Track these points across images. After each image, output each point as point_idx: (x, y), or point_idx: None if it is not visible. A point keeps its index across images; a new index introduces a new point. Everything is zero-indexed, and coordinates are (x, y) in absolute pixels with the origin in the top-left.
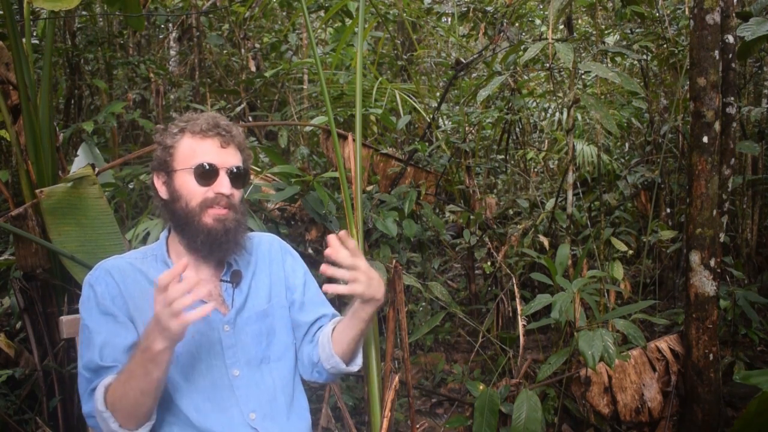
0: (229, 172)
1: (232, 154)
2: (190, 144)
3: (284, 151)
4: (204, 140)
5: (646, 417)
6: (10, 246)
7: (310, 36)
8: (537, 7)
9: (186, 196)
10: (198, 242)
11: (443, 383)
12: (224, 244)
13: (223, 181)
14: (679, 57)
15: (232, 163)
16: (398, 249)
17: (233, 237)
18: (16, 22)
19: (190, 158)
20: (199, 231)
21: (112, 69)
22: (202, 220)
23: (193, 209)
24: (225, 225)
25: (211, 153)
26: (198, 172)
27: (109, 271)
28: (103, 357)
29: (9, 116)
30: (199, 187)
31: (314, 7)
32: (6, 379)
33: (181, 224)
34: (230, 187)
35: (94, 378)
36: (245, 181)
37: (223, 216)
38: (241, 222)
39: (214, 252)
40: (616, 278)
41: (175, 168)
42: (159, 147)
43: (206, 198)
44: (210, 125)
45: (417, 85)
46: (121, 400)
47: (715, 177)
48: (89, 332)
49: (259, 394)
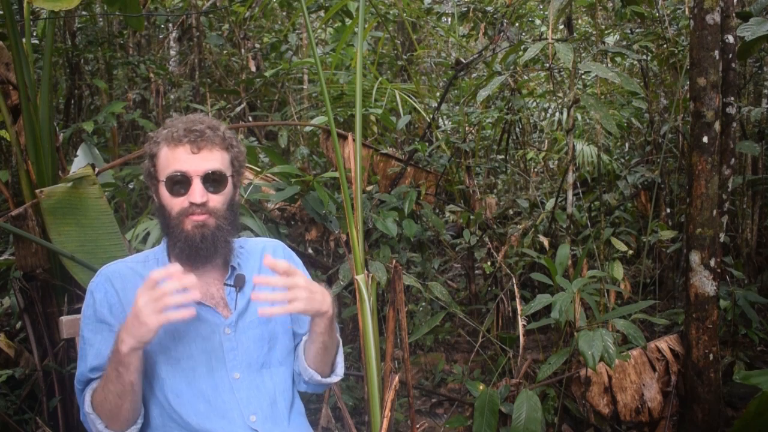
0: (202, 177)
1: (206, 157)
2: (166, 153)
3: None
4: (177, 148)
5: (646, 417)
6: (10, 246)
7: (310, 36)
8: (537, 7)
9: (167, 206)
10: (177, 249)
11: (443, 383)
12: (202, 251)
13: (196, 188)
14: (679, 57)
15: (206, 167)
16: (398, 249)
17: (212, 244)
18: (16, 22)
19: (165, 168)
20: (178, 238)
21: (112, 69)
22: (182, 227)
23: (173, 219)
24: (202, 232)
25: (182, 160)
26: (169, 185)
27: (109, 277)
28: (93, 370)
29: (9, 116)
30: (174, 198)
31: (314, 7)
32: (6, 379)
33: (167, 232)
34: (204, 193)
35: (85, 388)
36: (227, 183)
37: (201, 221)
38: (223, 227)
39: (192, 259)
40: (616, 278)
41: (159, 178)
42: (146, 156)
43: (182, 208)
44: (182, 132)
45: (417, 85)
46: (102, 403)
47: (715, 177)
48: (83, 342)
49: (260, 397)
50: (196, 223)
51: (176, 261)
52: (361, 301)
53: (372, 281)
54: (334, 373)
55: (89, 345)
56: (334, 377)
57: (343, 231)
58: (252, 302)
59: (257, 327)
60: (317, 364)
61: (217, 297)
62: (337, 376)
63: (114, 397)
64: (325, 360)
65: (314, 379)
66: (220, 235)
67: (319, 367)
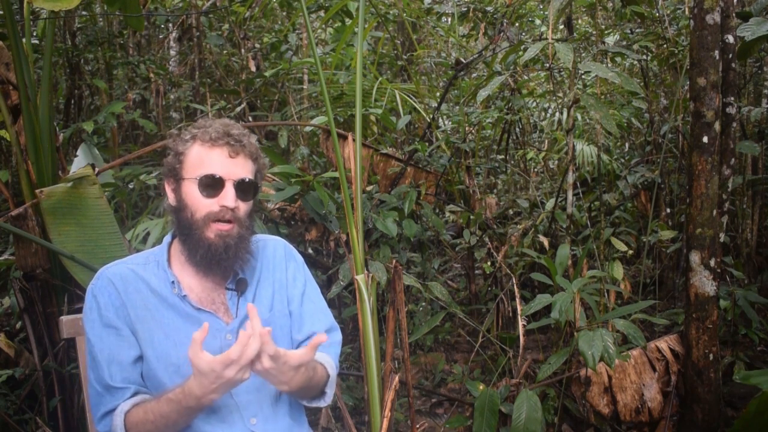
0: (236, 184)
1: (241, 164)
2: (199, 152)
3: (284, 151)
4: (213, 149)
5: (646, 417)
6: (10, 246)
7: (310, 36)
8: (537, 7)
9: (191, 206)
10: (198, 256)
11: (443, 383)
12: (224, 261)
13: (228, 193)
14: (679, 57)
15: (240, 174)
16: (398, 249)
17: (234, 253)
18: (16, 22)
19: (197, 167)
20: (199, 245)
21: (112, 69)
22: (204, 233)
23: (197, 221)
24: (226, 241)
25: (219, 163)
26: (203, 183)
27: (111, 280)
28: (112, 376)
29: (9, 116)
30: (204, 198)
31: (314, 7)
32: (6, 379)
33: (185, 234)
34: (236, 199)
35: (105, 395)
36: (254, 193)
37: (225, 232)
38: (245, 236)
39: (212, 267)
40: (616, 278)
41: (184, 176)
42: (170, 153)
43: (211, 211)
44: (220, 134)
45: (417, 85)
46: (142, 427)
47: (715, 177)
48: (92, 346)
49: (260, 399)
50: (220, 232)
51: (177, 265)
52: (361, 301)
53: (372, 281)
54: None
55: (99, 350)
56: (322, 402)
57: (343, 231)
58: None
59: None
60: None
61: (218, 302)
62: (324, 402)
63: (164, 428)
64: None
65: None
66: (241, 245)
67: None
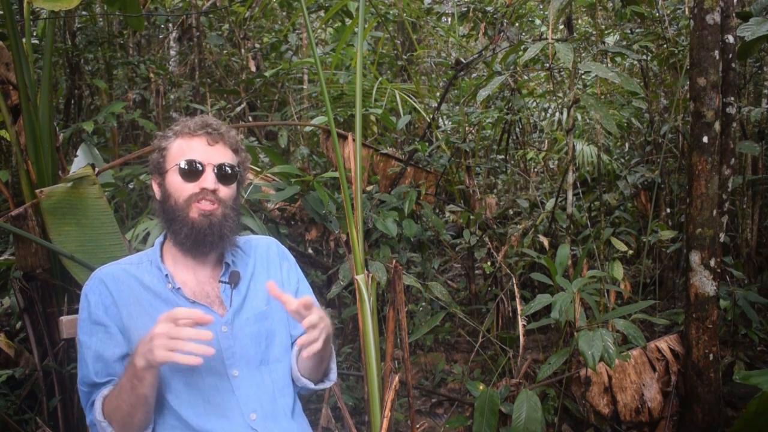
0: (215, 168)
1: (221, 151)
2: (180, 144)
3: (284, 151)
4: (192, 139)
5: (646, 417)
6: (10, 246)
7: (310, 36)
8: (537, 7)
9: (175, 193)
10: (182, 235)
11: (443, 383)
12: (208, 238)
13: (208, 176)
14: (679, 57)
15: (220, 160)
16: (398, 249)
17: (218, 232)
18: (16, 22)
19: (178, 157)
20: (183, 224)
21: (112, 69)
22: (188, 215)
23: (180, 205)
24: (210, 220)
25: (198, 150)
26: (183, 169)
27: (102, 279)
28: (97, 373)
29: (9, 116)
30: (185, 183)
31: (314, 7)
32: (6, 379)
33: (170, 220)
34: (216, 182)
35: (92, 391)
36: (236, 179)
37: (208, 211)
38: (230, 218)
39: (198, 246)
40: (616, 278)
41: (166, 168)
42: (155, 151)
43: (192, 193)
44: (198, 125)
45: (417, 85)
46: (115, 412)
47: (715, 177)
48: (80, 345)
49: (259, 394)
50: (203, 211)
51: (170, 262)
52: (361, 301)
53: (372, 281)
54: (327, 378)
55: (86, 348)
56: (327, 382)
57: (343, 231)
58: (248, 300)
59: (254, 324)
60: (311, 373)
61: (212, 295)
62: (330, 381)
63: (127, 407)
64: (319, 369)
65: (307, 387)
66: (226, 225)
67: (313, 375)
